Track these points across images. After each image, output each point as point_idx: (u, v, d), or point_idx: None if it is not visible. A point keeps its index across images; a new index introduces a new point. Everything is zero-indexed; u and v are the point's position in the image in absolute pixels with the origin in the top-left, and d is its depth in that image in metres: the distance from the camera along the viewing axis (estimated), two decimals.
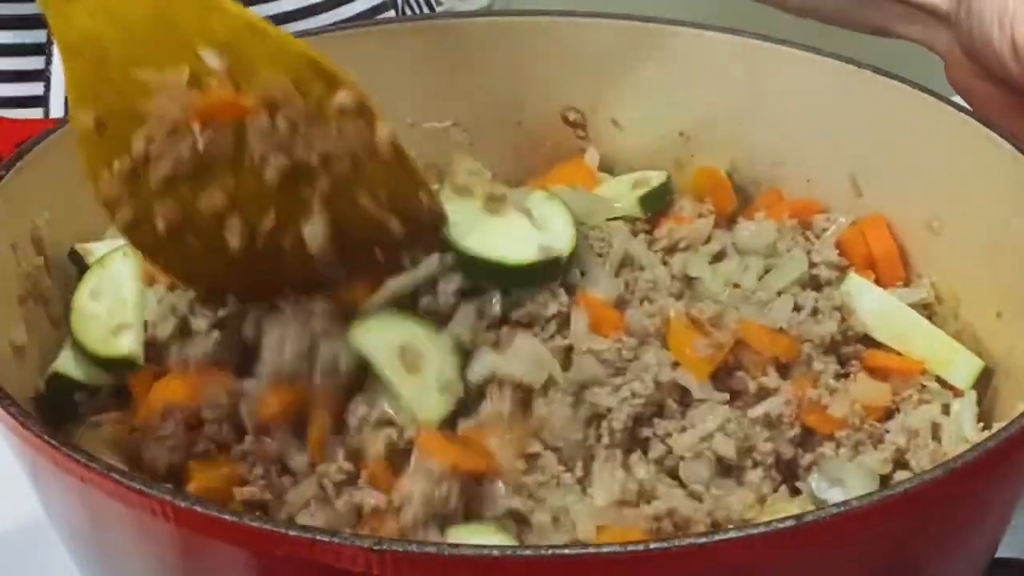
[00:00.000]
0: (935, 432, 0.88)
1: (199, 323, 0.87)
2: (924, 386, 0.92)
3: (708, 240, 1.02)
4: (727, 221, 1.06)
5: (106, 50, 0.73)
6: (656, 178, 1.06)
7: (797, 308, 0.94)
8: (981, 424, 0.88)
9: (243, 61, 0.75)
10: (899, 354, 0.94)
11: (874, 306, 0.96)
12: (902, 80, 1.00)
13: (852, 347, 0.93)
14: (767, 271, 0.98)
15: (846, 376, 0.91)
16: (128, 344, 0.88)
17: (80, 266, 0.93)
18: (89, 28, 0.73)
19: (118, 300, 0.90)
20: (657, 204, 1.05)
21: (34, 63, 1.29)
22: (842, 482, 0.84)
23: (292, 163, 0.77)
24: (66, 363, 0.90)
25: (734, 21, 1.09)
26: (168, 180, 0.77)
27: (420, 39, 1.09)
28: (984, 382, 0.92)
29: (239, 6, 0.76)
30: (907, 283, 1.02)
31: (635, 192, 1.05)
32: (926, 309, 0.98)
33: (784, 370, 0.89)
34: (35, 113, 1.29)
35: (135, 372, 0.89)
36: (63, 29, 0.73)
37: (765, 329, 0.90)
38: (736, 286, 0.96)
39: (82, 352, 0.88)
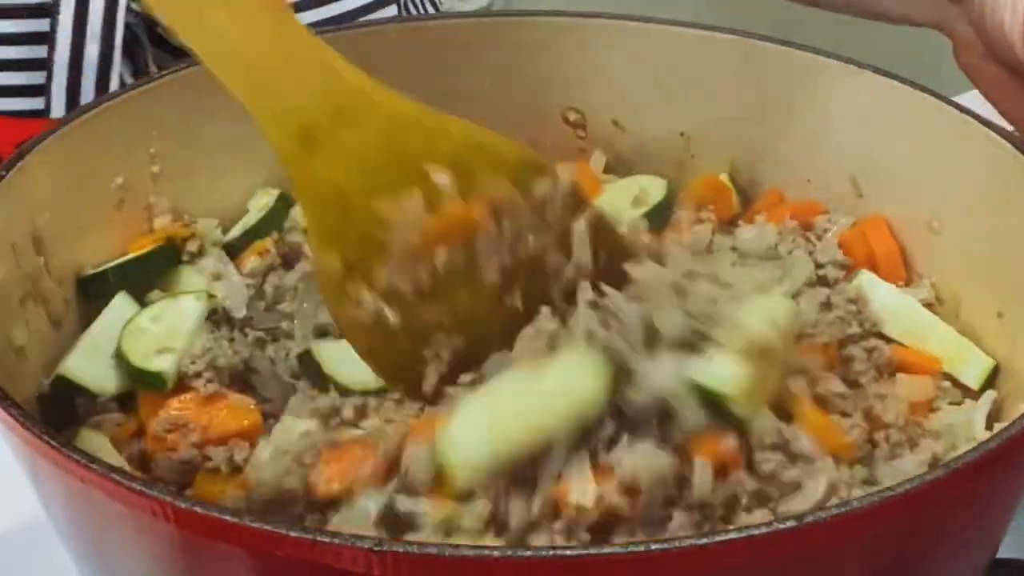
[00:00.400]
0: (949, 432, 0.88)
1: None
2: (939, 385, 0.92)
3: (710, 244, 1.02)
4: (728, 224, 1.06)
5: (345, 191, 0.76)
6: (656, 192, 1.06)
7: (824, 307, 0.94)
8: (984, 425, 0.89)
9: (466, 174, 0.78)
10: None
11: (886, 302, 0.97)
12: (902, 80, 1.00)
13: (872, 342, 0.94)
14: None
15: (878, 371, 0.91)
16: (165, 364, 0.89)
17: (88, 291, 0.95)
18: (330, 175, 0.75)
19: (174, 330, 0.92)
20: (659, 221, 1.04)
21: (37, 52, 1.28)
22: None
23: (514, 261, 0.80)
24: (72, 366, 0.90)
25: (734, 21, 1.09)
26: (404, 302, 0.78)
27: (420, 39, 1.09)
28: (989, 383, 0.92)
29: (458, 123, 0.80)
30: (908, 283, 1.02)
31: (636, 211, 1.04)
32: (927, 309, 0.98)
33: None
34: (36, 102, 1.29)
35: (146, 395, 0.90)
36: (307, 183, 0.75)
37: (813, 347, 0.90)
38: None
39: (121, 361, 0.90)
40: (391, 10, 1.41)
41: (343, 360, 0.88)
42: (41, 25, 1.27)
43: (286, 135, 0.74)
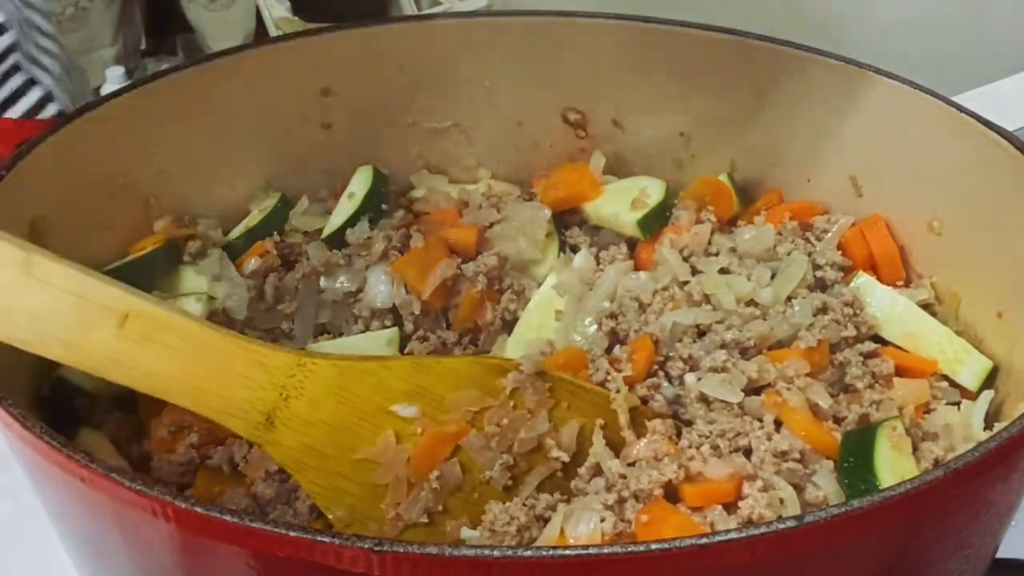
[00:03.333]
0: (946, 432, 0.88)
1: None
2: (935, 385, 0.92)
3: (709, 243, 1.02)
4: (728, 224, 1.06)
5: (322, 452, 0.81)
6: (654, 194, 1.06)
7: (819, 311, 0.95)
8: (983, 425, 0.89)
9: (428, 397, 0.83)
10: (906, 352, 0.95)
11: (883, 305, 0.97)
12: (902, 80, 0.99)
13: (867, 345, 0.94)
14: (773, 275, 0.99)
15: (873, 376, 0.92)
16: None
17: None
18: (300, 443, 0.80)
19: None
20: (656, 224, 1.05)
21: None
22: None
23: (514, 456, 0.85)
24: (72, 369, 0.90)
25: (734, 22, 1.09)
26: (423, 527, 0.83)
27: (420, 39, 1.09)
28: (987, 382, 0.93)
29: (396, 358, 0.87)
30: (907, 283, 1.02)
31: (634, 214, 1.05)
32: (926, 309, 0.98)
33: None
34: None
35: (147, 397, 0.89)
36: (281, 453, 0.80)
37: (799, 351, 0.91)
38: (750, 303, 0.96)
39: None
40: None
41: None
42: None
43: (252, 427, 0.79)
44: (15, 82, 1.56)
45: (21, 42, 1.57)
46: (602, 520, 0.78)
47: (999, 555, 0.80)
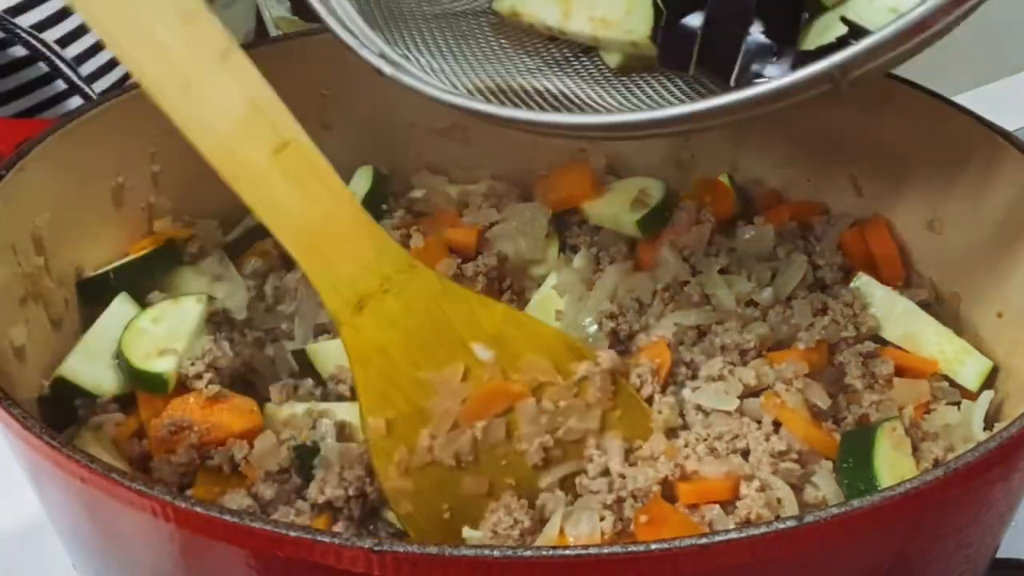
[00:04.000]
0: (945, 432, 0.88)
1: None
2: (935, 385, 0.93)
3: (710, 243, 1.02)
4: (727, 225, 1.06)
5: (392, 357, 0.80)
6: (655, 194, 1.06)
7: (819, 311, 0.95)
8: (983, 425, 0.89)
9: (508, 349, 0.83)
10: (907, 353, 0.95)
11: (883, 305, 0.97)
12: (902, 80, 0.99)
13: (867, 345, 0.94)
14: (773, 275, 0.99)
15: (872, 376, 0.92)
16: (166, 366, 0.90)
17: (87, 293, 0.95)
18: (377, 339, 0.80)
19: (176, 331, 0.92)
20: (656, 224, 1.05)
21: None
22: None
23: (555, 440, 0.84)
24: (71, 368, 0.90)
25: None
26: (445, 470, 0.82)
27: None
28: (987, 382, 0.93)
29: (500, 303, 0.86)
30: (907, 283, 1.02)
31: (634, 214, 1.05)
32: (926, 309, 0.98)
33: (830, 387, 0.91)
34: None
35: (147, 396, 0.90)
36: (355, 341, 0.80)
37: (798, 351, 0.91)
38: (750, 303, 0.97)
39: (123, 362, 0.90)
40: None
41: (338, 357, 0.90)
42: None
43: (342, 302, 0.78)
44: None
45: None
46: (602, 520, 0.78)
47: (999, 555, 0.80)
